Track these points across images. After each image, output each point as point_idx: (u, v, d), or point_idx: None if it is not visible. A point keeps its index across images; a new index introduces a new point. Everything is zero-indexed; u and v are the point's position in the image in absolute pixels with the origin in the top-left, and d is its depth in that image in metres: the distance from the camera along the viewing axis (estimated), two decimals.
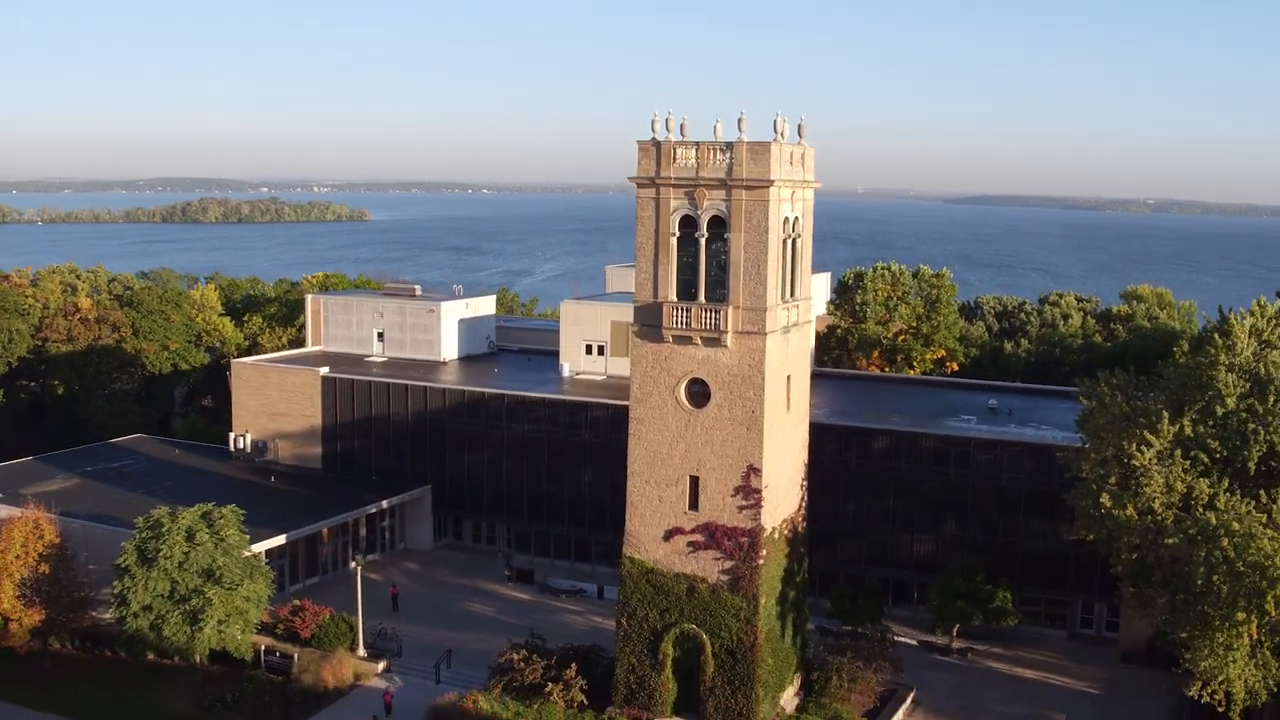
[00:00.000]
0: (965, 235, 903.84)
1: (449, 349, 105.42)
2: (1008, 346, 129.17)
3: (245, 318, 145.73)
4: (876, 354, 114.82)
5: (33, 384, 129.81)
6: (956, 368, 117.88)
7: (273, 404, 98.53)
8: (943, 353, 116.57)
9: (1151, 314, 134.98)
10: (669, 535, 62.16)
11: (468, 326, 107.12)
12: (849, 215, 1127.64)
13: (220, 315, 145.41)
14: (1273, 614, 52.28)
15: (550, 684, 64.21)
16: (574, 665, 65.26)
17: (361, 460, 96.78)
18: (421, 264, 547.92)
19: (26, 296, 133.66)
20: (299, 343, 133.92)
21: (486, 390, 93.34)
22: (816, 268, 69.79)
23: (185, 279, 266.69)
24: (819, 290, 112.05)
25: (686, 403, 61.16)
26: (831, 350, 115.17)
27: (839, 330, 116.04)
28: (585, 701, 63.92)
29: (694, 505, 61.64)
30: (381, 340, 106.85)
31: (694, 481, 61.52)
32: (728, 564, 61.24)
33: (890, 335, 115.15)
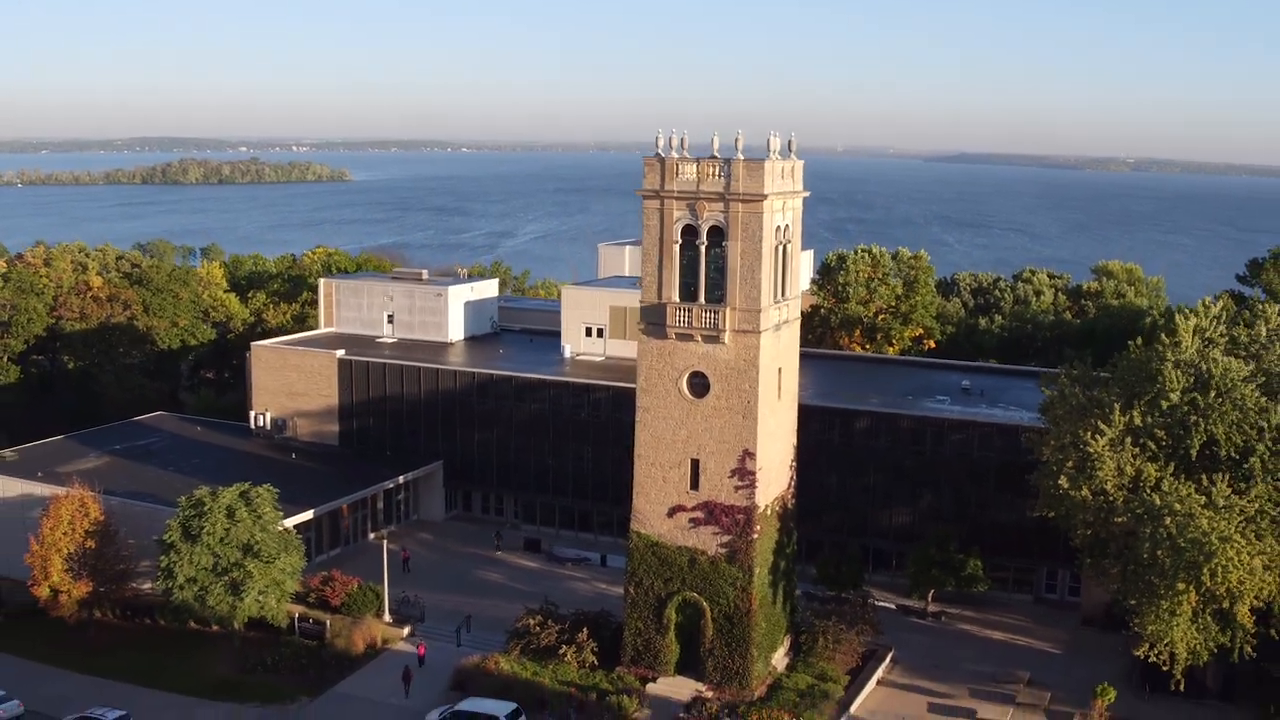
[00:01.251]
0: (945, 194, 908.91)
1: (455, 330, 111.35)
2: (982, 322, 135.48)
3: (250, 294, 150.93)
4: (858, 332, 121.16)
5: (40, 357, 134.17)
6: (934, 345, 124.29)
7: (291, 384, 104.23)
8: (920, 331, 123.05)
9: (1120, 291, 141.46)
10: (672, 512, 68.52)
11: (472, 309, 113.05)
12: (829, 174, 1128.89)
13: (226, 292, 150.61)
14: (1208, 584, 59.00)
15: (564, 646, 70.67)
16: (585, 629, 71.69)
17: (376, 437, 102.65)
18: (405, 225, 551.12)
19: (41, 276, 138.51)
20: (302, 318, 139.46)
21: (495, 372, 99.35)
22: None
23: (180, 250, 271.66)
24: (802, 269, 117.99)
25: (688, 393, 67.35)
26: (815, 329, 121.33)
27: (822, 309, 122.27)
28: (596, 662, 70.43)
29: (695, 485, 67.95)
30: (391, 322, 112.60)
31: (695, 464, 67.82)
32: (725, 538, 67.67)
33: (871, 314, 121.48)
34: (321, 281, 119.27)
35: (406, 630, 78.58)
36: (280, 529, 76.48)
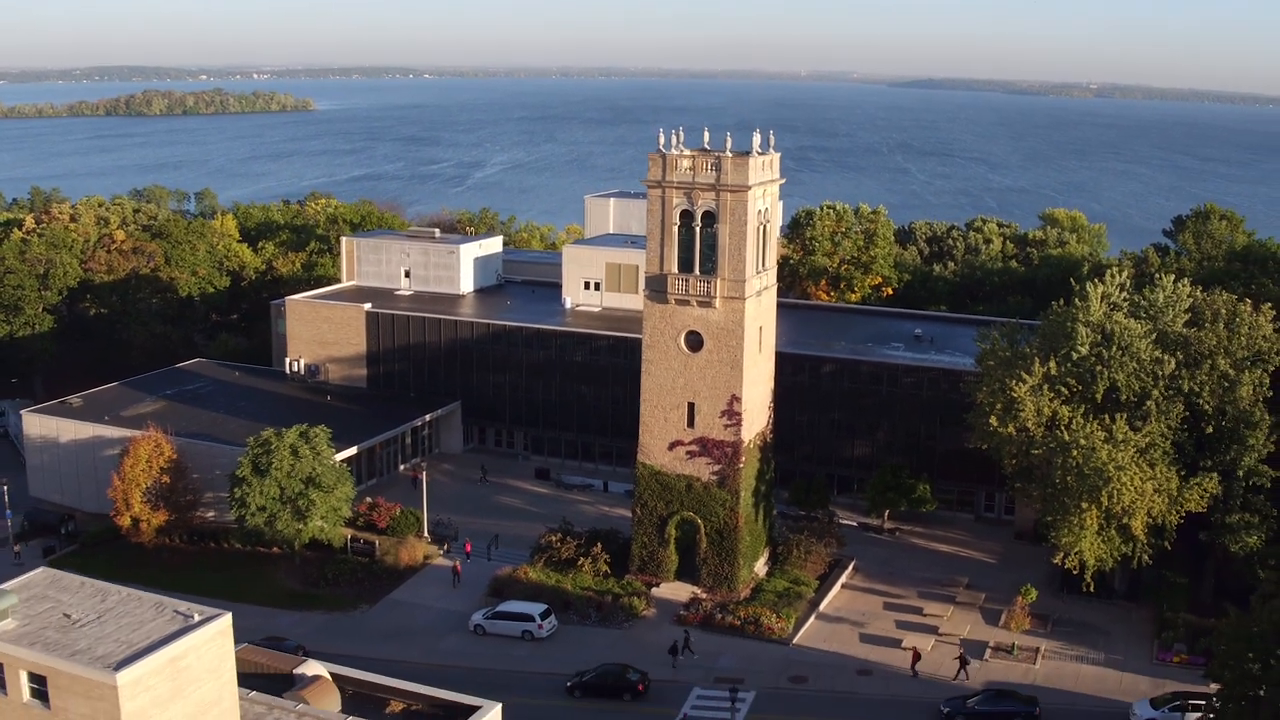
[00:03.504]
0: (907, 121, 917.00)
1: (466, 283, 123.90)
2: (936, 269, 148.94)
3: (260, 244, 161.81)
4: (823, 281, 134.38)
5: (59, 304, 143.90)
6: (891, 291, 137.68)
7: (323, 334, 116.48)
8: (879, 279, 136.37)
9: (1063, 239, 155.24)
10: (672, 446, 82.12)
11: (481, 264, 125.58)
12: (793, 101, 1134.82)
13: (238, 242, 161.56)
14: (1106, 504, 73.08)
15: (581, 558, 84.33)
16: (599, 544, 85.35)
17: (401, 380, 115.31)
18: (375, 157, 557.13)
19: (70, 232, 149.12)
20: (310, 266, 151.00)
21: (508, 323, 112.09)
22: None
23: (175, 195, 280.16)
24: None
25: (685, 348, 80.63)
26: (784, 278, 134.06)
27: (791, 260, 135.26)
28: (608, 571, 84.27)
29: (691, 424, 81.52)
30: (408, 276, 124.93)
31: (691, 406, 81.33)
32: (716, 467, 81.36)
33: (835, 265, 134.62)
34: (344, 239, 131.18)
35: (444, 547, 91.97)
36: (333, 463, 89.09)
